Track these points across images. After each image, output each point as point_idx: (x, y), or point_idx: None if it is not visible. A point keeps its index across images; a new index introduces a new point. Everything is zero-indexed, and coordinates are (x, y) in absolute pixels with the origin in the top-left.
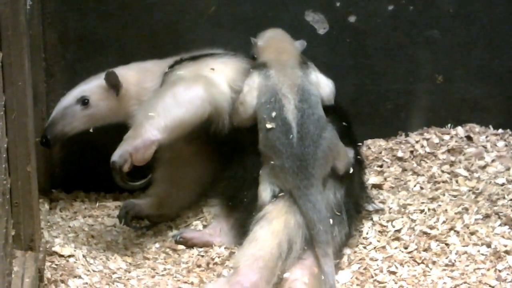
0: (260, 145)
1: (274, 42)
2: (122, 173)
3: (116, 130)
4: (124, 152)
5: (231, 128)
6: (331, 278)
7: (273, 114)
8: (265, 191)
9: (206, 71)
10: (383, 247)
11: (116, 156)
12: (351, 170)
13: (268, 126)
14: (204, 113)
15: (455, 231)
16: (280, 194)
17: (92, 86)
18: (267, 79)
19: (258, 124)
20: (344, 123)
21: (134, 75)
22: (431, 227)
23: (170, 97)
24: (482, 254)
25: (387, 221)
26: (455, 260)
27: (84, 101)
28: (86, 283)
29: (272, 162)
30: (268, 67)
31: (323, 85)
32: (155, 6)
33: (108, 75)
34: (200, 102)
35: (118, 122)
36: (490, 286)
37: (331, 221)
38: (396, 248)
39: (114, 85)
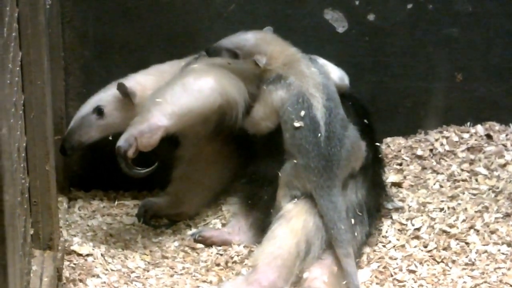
0: (285, 144)
1: (276, 50)
2: (127, 159)
3: None
4: (129, 137)
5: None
6: (355, 278)
7: (302, 113)
8: (284, 197)
9: (222, 64)
10: (403, 246)
11: (121, 141)
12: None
13: (296, 124)
14: (214, 104)
15: (475, 229)
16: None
17: (108, 95)
18: (289, 87)
19: (283, 125)
20: (365, 121)
21: (152, 79)
22: (451, 226)
23: (179, 86)
24: (503, 253)
25: (407, 220)
26: (475, 259)
27: (99, 111)
28: (104, 282)
29: (295, 161)
30: (285, 78)
31: (331, 69)
32: (173, 6)
33: (119, 87)
34: (210, 92)
35: None
36: (510, 285)
37: (352, 221)
38: (415, 246)
39: (127, 95)
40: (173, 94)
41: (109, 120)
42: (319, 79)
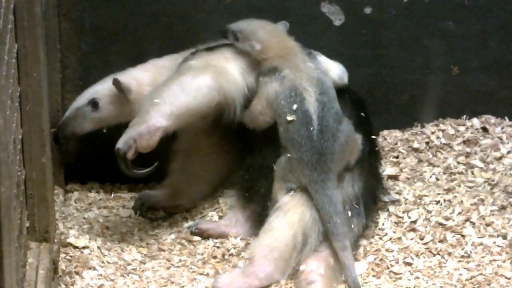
0: (280, 138)
1: (272, 41)
2: (127, 160)
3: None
4: (128, 139)
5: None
6: (352, 271)
7: (294, 106)
8: (280, 190)
9: (219, 60)
10: (399, 238)
11: (120, 143)
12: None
13: (289, 118)
14: (211, 102)
15: (470, 222)
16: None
17: (104, 88)
18: (283, 80)
19: (278, 119)
20: (362, 113)
21: (149, 75)
22: (447, 218)
23: (176, 85)
24: (498, 246)
25: (403, 212)
26: (470, 252)
27: (94, 104)
28: (101, 274)
29: (289, 155)
30: (280, 70)
31: (331, 67)
32: None
33: (114, 83)
34: (207, 90)
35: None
36: (506, 277)
37: (349, 213)
38: (412, 239)
39: (122, 91)
40: (171, 94)
41: (104, 114)
42: (314, 73)
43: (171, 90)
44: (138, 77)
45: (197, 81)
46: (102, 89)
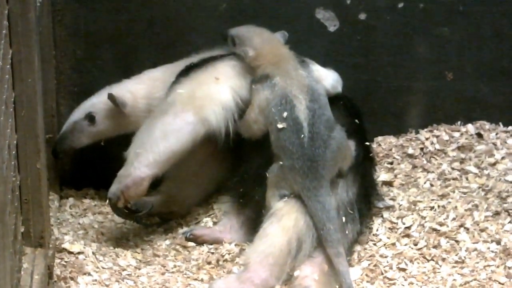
0: (272, 146)
1: (266, 48)
2: (118, 208)
3: None
4: (116, 190)
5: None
6: (347, 277)
7: (285, 114)
8: (273, 197)
9: (209, 83)
10: (393, 244)
11: (110, 193)
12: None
13: (279, 126)
14: (196, 136)
15: (465, 228)
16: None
17: (100, 102)
18: (274, 87)
19: (269, 127)
20: (356, 120)
21: (144, 87)
22: (441, 224)
23: (159, 129)
24: (492, 251)
25: (397, 218)
26: (465, 257)
27: (90, 118)
28: (96, 280)
29: (281, 163)
30: (271, 77)
31: (324, 76)
32: (166, 3)
33: (109, 97)
34: (191, 127)
35: (131, 132)
36: (499, 283)
37: (343, 219)
38: (406, 245)
39: (117, 105)
40: (153, 141)
41: (100, 128)
42: (305, 81)
43: (153, 137)
44: (133, 90)
45: (179, 121)
46: (98, 102)
